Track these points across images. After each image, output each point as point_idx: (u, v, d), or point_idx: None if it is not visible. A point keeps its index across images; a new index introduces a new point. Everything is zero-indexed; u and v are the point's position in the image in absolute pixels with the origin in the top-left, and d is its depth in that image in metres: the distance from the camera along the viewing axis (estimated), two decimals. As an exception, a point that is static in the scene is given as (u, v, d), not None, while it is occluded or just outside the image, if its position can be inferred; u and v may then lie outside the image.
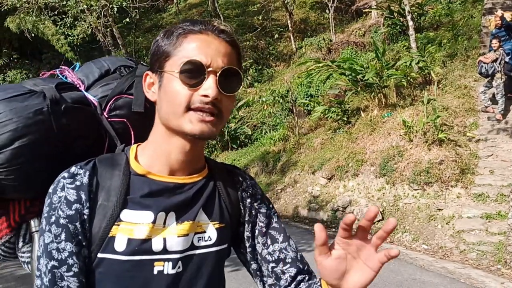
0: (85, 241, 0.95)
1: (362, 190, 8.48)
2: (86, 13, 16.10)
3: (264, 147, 12.99)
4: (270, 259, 1.11)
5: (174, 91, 0.96)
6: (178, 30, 0.99)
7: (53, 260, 0.93)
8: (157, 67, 1.00)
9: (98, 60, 1.44)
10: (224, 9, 22.20)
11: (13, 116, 1.15)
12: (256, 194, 1.16)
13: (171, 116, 0.96)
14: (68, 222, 0.94)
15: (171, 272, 0.99)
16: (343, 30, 17.29)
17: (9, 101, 1.17)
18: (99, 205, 0.96)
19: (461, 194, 7.19)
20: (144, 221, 0.97)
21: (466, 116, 8.55)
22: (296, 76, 14.48)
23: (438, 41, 11.18)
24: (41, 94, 1.21)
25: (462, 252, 6.29)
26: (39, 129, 1.17)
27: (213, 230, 1.06)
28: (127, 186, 0.99)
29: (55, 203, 0.95)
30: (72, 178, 0.96)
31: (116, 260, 0.95)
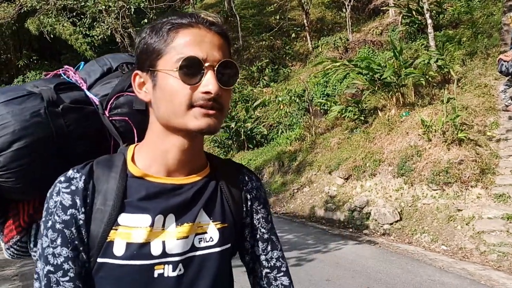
0: (82, 246, 0.94)
1: (379, 190, 8.40)
2: (104, 14, 16.27)
3: (280, 147, 12.95)
4: (266, 265, 1.15)
5: (173, 90, 0.93)
6: (166, 25, 0.96)
7: (49, 265, 0.93)
8: (148, 66, 0.97)
9: (101, 58, 1.43)
10: (240, 9, 22.22)
11: (10, 119, 1.15)
12: (260, 198, 1.16)
13: (172, 115, 0.94)
14: (63, 227, 0.93)
15: (172, 275, 0.98)
16: (360, 29, 17.16)
17: (7, 104, 1.17)
18: (96, 209, 0.95)
19: (481, 194, 7.07)
20: (142, 225, 0.96)
21: (486, 115, 8.41)
22: (313, 75, 14.42)
23: (457, 39, 11.02)
24: (38, 96, 1.20)
25: (482, 253, 6.19)
26: (37, 131, 1.17)
27: (215, 230, 1.04)
28: (124, 189, 0.97)
29: (51, 208, 0.94)
30: (68, 182, 0.95)
31: (116, 264, 0.95)
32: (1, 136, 1.14)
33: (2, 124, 1.15)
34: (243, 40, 19.81)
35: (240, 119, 14.61)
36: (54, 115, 1.20)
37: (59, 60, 23.83)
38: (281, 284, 1.14)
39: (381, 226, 7.73)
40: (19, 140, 1.15)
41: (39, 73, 22.28)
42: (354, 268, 5.82)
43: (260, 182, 1.20)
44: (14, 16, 18.87)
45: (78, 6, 16.39)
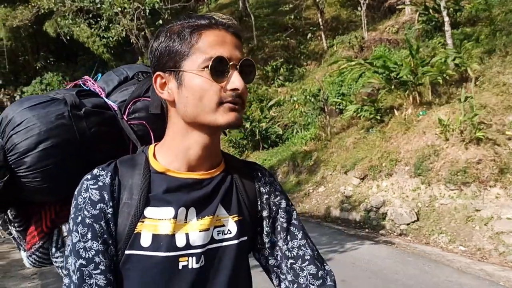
0: (111, 239, 0.99)
1: (396, 190, 8.33)
2: (120, 16, 16.42)
3: (295, 147, 12.92)
4: (289, 255, 1.13)
5: (202, 88, 0.98)
6: (186, 28, 1.01)
7: (81, 258, 0.97)
8: (171, 67, 1.01)
9: (118, 69, 1.50)
10: (254, 9, 22.23)
11: (36, 121, 1.21)
12: (275, 190, 1.18)
13: (202, 112, 0.99)
14: (93, 222, 0.98)
15: (195, 266, 1.03)
16: (375, 27, 17.03)
17: (32, 108, 1.24)
18: (123, 203, 1.01)
19: (500, 194, 6.97)
20: (166, 217, 1.01)
21: (505, 114, 8.26)
22: (328, 74, 14.36)
23: (475, 37, 10.86)
24: (62, 101, 1.28)
25: (501, 254, 6.10)
26: (61, 133, 1.23)
27: (232, 223, 1.09)
28: (148, 184, 1.03)
29: (80, 204, 0.99)
30: (95, 179, 1.01)
31: (143, 255, 0.99)
32: (28, 138, 1.20)
33: (28, 127, 1.20)
34: (257, 39, 19.81)
35: (255, 119, 14.62)
36: (77, 117, 1.26)
37: (75, 62, 24.14)
38: (308, 274, 1.12)
39: (397, 226, 7.65)
40: (45, 141, 1.20)
41: (56, 75, 22.60)
42: (371, 268, 5.78)
43: (274, 177, 1.23)
44: (32, 19, 19.16)
45: (94, 8, 16.58)
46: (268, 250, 1.16)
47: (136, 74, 1.45)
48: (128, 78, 1.45)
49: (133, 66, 1.51)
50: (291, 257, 1.13)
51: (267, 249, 1.16)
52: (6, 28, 20.60)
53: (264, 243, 1.16)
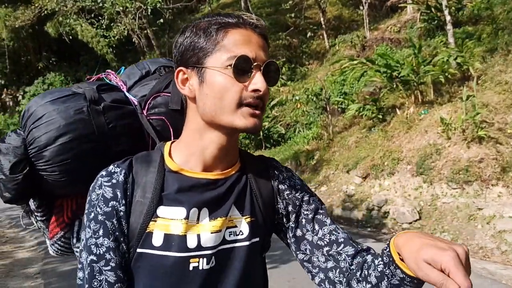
0: (123, 237, 0.99)
1: (398, 189, 8.33)
2: (121, 15, 16.44)
3: (297, 146, 12.93)
4: (322, 244, 1.08)
5: (223, 87, 0.96)
6: (213, 25, 0.99)
7: (92, 254, 0.97)
8: (194, 63, 0.99)
9: (141, 63, 1.50)
10: (256, 8, 22.23)
11: (55, 115, 1.22)
12: (295, 185, 1.16)
13: (220, 111, 0.98)
14: (105, 219, 0.98)
15: (206, 267, 1.02)
16: (377, 26, 17.02)
17: (52, 102, 1.25)
18: (136, 201, 1.00)
19: (502, 193, 6.96)
20: (178, 217, 1.01)
21: (507, 113, 8.25)
22: (330, 74, 14.36)
23: (477, 36, 10.86)
24: (81, 95, 1.28)
25: (503, 252, 6.10)
26: (80, 127, 1.24)
27: (245, 224, 1.07)
28: (161, 182, 1.02)
29: (93, 200, 0.99)
30: (109, 177, 1.01)
31: (154, 254, 0.99)
32: (47, 132, 1.21)
33: (48, 121, 1.22)
34: (259, 39, 19.79)
35: (257, 118, 14.61)
36: (96, 112, 1.27)
37: (78, 62, 24.18)
38: (346, 256, 1.05)
39: (400, 225, 7.66)
40: (64, 135, 1.22)
41: (58, 74, 22.63)
42: (373, 267, 5.79)
43: (291, 172, 1.20)
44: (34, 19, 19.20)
45: (96, 7, 16.60)
46: (294, 245, 1.12)
47: (158, 69, 1.44)
48: (150, 73, 1.44)
49: (157, 61, 1.50)
50: (325, 245, 1.08)
51: (293, 244, 1.13)
52: (8, 29, 20.64)
53: (290, 238, 1.13)
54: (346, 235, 1.09)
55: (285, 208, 1.13)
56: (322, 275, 1.08)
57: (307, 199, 1.14)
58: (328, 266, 1.07)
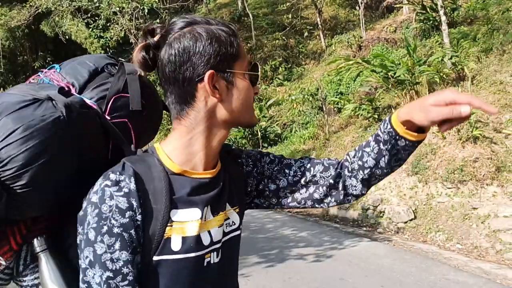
0: (139, 247, 0.97)
1: (393, 189, 8.36)
2: (118, 15, 16.42)
3: (294, 146, 12.96)
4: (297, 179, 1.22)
5: (248, 90, 1.07)
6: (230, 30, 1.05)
7: (108, 271, 0.93)
8: (225, 67, 1.03)
9: (79, 60, 1.28)
10: (253, 8, 22.23)
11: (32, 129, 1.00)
12: (255, 160, 1.25)
13: (245, 112, 1.08)
14: (122, 231, 0.94)
15: (216, 261, 1.07)
16: (373, 26, 17.07)
17: (21, 111, 1.02)
18: (150, 209, 0.98)
19: (497, 192, 6.99)
20: (193, 218, 1.03)
21: (502, 113, 8.29)
22: (326, 74, 14.38)
23: (472, 36, 10.89)
24: (49, 101, 1.06)
25: (498, 252, 6.13)
26: (60, 141, 1.04)
27: (235, 215, 1.15)
28: (169, 186, 1.01)
29: (105, 212, 0.93)
30: (117, 185, 0.96)
31: (174, 259, 1.00)
32: (25, 150, 0.99)
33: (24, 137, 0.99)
34: (256, 39, 19.83)
35: (254, 118, 14.64)
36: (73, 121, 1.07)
37: (74, 61, 24.08)
38: (319, 173, 1.21)
39: (395, 224, 7.69)
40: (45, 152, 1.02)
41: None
42: (368, 266, 5.81)
43: (246, 150, 1.30)
44: (30, 19, 19.14)
45: (93, 7, 16.57)
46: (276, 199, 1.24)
47: (106, 67, 1.25)
48: (98, 71, 1.24)
49: (97, 57, 1.29)
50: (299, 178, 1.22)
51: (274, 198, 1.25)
52: (3, 28, 20.58)
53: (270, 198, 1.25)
54: (311, 159, 1.24)
55: (256, 180, 1.24)
56: (309, 202, 1.23)
57: (268, 159, 1.25)
58: (310, 191, 1.22)
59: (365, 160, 1.16)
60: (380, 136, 1.14)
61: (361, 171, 1.17)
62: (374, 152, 1.15)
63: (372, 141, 1.16)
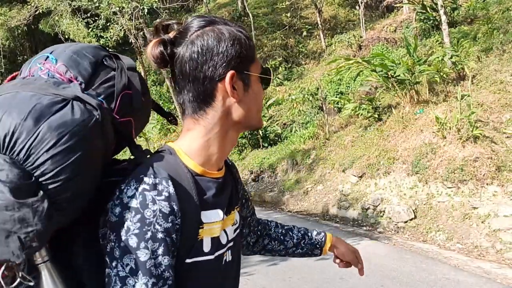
0: (177, 251, 0.96)
1: (394, 188, 8.35)
2: (118, 15, 16.41)
3: (294, 145, 12.94)
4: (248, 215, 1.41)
5: (260, 93, 1.10)
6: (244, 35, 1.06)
7: (152, 277, 0.90)
8: (244, 69, 1.04)
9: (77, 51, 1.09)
10: (253, 8, 22.23)
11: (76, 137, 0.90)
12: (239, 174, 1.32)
13: (255, 114, 1.09)
14: (166, 236, 0.93)
15: (229, 259, 1.12)
16: (373, 26, 17.06)
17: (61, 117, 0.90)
18: (186, 211, 0.97)
19: (497, 192, 6.99)
20: (218, 219, 1.06)
21: (502, 112, 8.29)
22: (326, 73, 14.37)
23: (472, 36, 10.89)
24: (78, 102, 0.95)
25: (498, 251, 6.12)
26: (98, 147, 0.96)
27: (237, 214, 1.20)
28: (197, 188, 1.01)
29: (149, 218, 0.91)
30: (156, 190, 0.93)
31: (206, 260, 1.03)
32: (69, 161, 0.88)
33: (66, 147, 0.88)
34: (256, 39, 19.81)
35: (254, 118, 14.63)
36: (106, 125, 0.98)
37: (74, 61, 24.09)
38: (254, 221, 1.47)
39: (395, 224, 7.68)
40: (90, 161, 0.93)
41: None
42: (368, 266, 5.76)
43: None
44: (30, 19, 19.14)
45: (92, 7, 16.57)
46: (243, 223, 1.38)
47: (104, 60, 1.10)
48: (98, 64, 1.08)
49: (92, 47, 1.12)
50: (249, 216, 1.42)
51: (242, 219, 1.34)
52: (3, 28, 20.59)
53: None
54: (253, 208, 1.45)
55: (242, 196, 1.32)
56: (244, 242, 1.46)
57: (241, 181, 1.33)
58: (246, 232, 1.43)
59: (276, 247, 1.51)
60: (304, 245, 1.53)
61: (266, 242, 1.51)
62: (288, 249, 1.52)
63: (295, 241, 1.52)
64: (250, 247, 1.49)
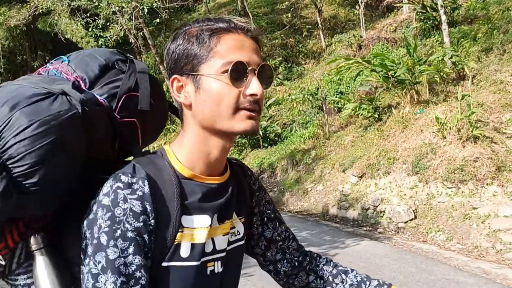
0: (150, 252, 0.95)
1: (394, 188, 8.35)
2: (117, 15, 16.40)
3: (294, 145, 12.94)
4: (279, 239, 1.25)
5: (220, 93, 0.96)
6: (205, 31, 0.99)
7: (121, 276, 0.90)
8: (189, 70, 0.99)
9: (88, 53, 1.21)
10: (253, 8, 22.21)
11: (48, 125, 0.95)
12: (261, 187, 1.26)
13: (218, 118, 0.97)
14: (136, 235, 0.92)
15: (220, 270, 1.05)
16: (373, 26, 17.04)
17: (36, 106, 0.96)
18: (163, 213, 0.96)
19: (497, 192, 6.98)
20: (203, 225, 1.01)
21: (502, 112, 8.28)
22: (326, 73, 14.36)
23: (472, 35, 10.88)
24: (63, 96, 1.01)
25: (498, 252, 6.12)
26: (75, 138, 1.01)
27: (240, 224, 1.13)
28: (180, 191, 0.99)
29: (119, 216, 0.91)
30: (130, 188, 0.93)
31: (182, 266, 0.98)
32: (42, 145, 0.94)
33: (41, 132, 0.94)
34: (256, 38, 19.79)
35: (254, 117, 14.62)
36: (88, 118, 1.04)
37: (74, 61, 24.09)
38: (293, 249, 1.27)
39: (395, 224, 7.68)
40: (60, 149, 0.97)
41: (54, 74, 22.52)
42: (368, 266, 5.80)
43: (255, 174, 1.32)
44: (29, 18, 19.12)
45: (92, 7, 16.56)
46: (255, 240, 1.24)
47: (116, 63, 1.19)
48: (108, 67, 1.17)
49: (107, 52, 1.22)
50: (280, 240, 1.26)
51: (255, 240, 1.24)
52: (3, 28, 20.57)
53: (254, 235, 1.24)
54: (292, 232, 1.30)
55: (255, 208, 1.23)
56: (271, 267, 1.27)
57: (268, 200, 1.27)
58: (277, 258, 1.26)
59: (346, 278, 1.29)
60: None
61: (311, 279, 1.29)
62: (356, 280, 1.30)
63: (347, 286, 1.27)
64: (282, 277, 1.27)
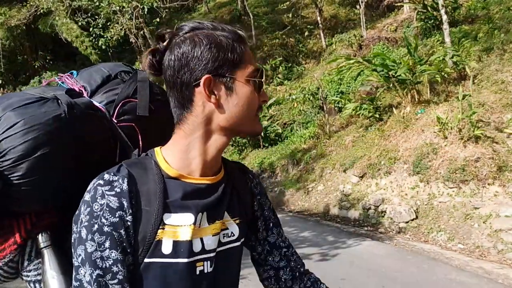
0: (130, 248, 0.97)
1: (395, 188, 8.34)
2: (118, 15, 16.41)
3: (294, 145, 12.94)
4: (283, 245, 1.28)
5: (249, 97, 1.04)
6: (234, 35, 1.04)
7: (98, 269, 0.94)
8: (225, 73, 1.02)
9: (96, 67, 1.40)
10: (253, 8, 22.21)
11: (33, 123, 1.09)
12: (262, 191, 1.27)
13: (244, 119, 1.05)
14: (112, 230, 0.95)
15: (210, 270, 1.06)
16: (374, 25, 17.03)
17: (26, 107, 1.11)
18: (142, 210, 0.98)
19: (499, 192, 6.98)
20: (186, 223, 1.02)
21: (503, 112, 8.27)
22: (327, 73, 14.36)
23: (473, 35, 10.87)
24: (54, 100, 1.15)
25: (500, 252, 6.11)
26: (59, 136, 1.12)
27: (234, 226, 1.14)
28: (163, 190, 1.01)
29: (96, 211, 0.95)
30: (110, 185, 0.97)
31: (165, 263, 1.00)
32: (25, 141, 1.08)
33: (25, 129, 1.08)
34: (256, 38, 19.80)
35: (254, 117, 14.63)
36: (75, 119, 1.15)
37: (74, 61, 24.11)
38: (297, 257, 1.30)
39: (396, 224, 7.67)
40: (43, 145, 1.10)
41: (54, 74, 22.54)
42: (369, 267, 5.80)
43: (258, 178, 1.32)
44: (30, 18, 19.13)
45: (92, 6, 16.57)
46: (259, 246, 1.26)
47: (119, 74, 1.36)
48: (111, 78, 1.34)
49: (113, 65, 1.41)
50: (284, 246, 1.28)
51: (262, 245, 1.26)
52: (3, 28, 20.57)
53: (257, 240, 1.26)
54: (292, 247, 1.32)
55: (257, 212, 1.24)
56: (272, 272, 1.27)
57: (269, 205, 1.29)
58: (280, 265, 1.27)
59: None
60: None
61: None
62: None
63: None
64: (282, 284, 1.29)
